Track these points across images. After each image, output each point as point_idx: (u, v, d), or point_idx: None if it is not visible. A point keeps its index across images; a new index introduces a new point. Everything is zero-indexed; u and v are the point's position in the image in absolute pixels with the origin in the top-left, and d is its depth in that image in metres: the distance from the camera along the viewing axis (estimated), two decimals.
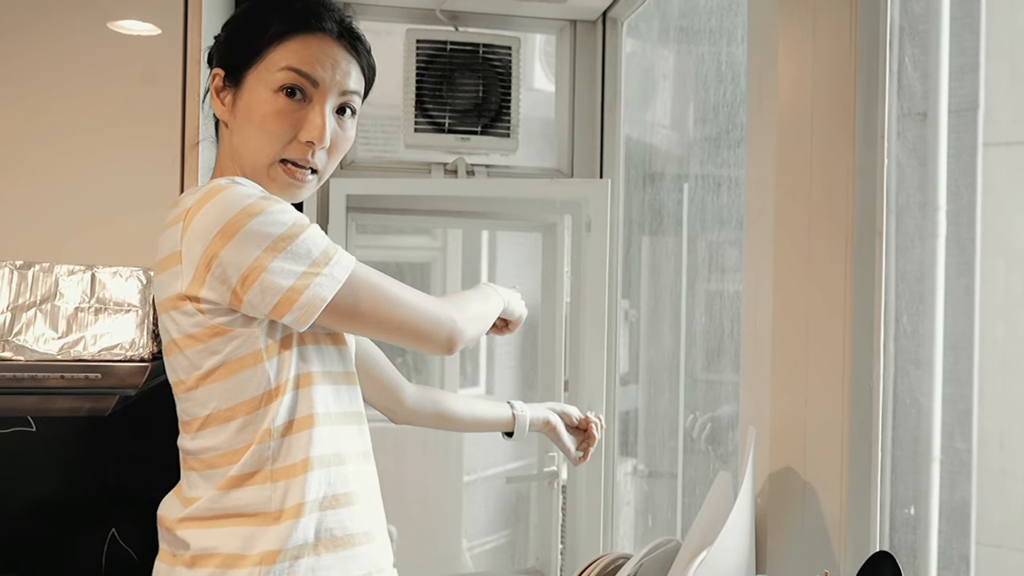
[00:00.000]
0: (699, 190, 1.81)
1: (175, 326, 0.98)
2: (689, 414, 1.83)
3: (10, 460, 1.70)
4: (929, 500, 1.16)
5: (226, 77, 1.05)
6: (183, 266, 0.94)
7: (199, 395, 0.98)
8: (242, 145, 1.04)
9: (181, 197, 1.02)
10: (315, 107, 1.03)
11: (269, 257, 0.92)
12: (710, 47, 1.79)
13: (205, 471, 0.99)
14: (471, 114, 1.98)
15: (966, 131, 1.17)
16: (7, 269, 1.17)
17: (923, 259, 1.16)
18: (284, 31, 1.04)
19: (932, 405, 1.16)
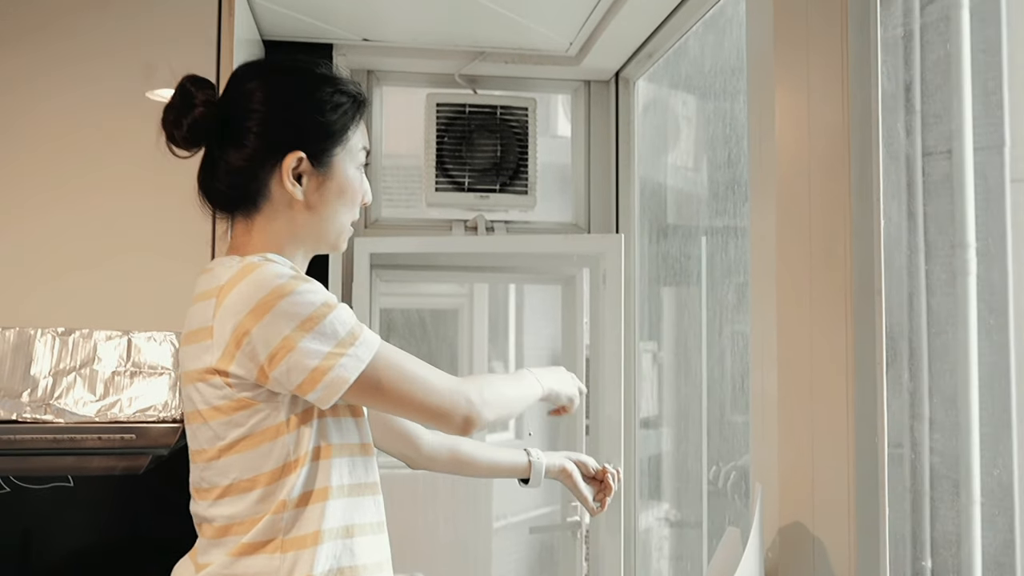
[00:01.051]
0: (715, 240, 1.85)
1: (200, 397, 1.02)
2: (712, 465, 1.85)
3: (49, 514, 1.76)
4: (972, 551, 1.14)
5: (309, 159, 1.07)
6: (214, 341, 0.98)
7: (220, 465, 1.02)
8: (323, 222, 1.10)
9: (212, 267, 1.06)
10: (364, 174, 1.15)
11: (298, 336, 0.96)
12: (717, 104, 1.85)
13: (218, 538, 1.02)
14: (490, 173, 2.05)
15: (993, 168, 1.16)
16: (50, 336, 1.25)
17: (955, 299, 1.14)
18: (359, 114, 1.13)
19: (970, 452, 1.14)
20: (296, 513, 1.01)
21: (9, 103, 1.47)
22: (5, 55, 1.48)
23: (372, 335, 1.02)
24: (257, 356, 0.96)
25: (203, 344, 1.00)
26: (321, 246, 1.12)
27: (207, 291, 1.02)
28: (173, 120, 1.05)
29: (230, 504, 1.02)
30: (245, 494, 1.01)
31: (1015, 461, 1.11)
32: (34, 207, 1.45)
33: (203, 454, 1.04)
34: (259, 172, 1.07)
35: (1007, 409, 1.13)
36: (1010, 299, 1.12)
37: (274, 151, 1.06)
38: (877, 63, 1.19)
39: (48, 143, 1.47)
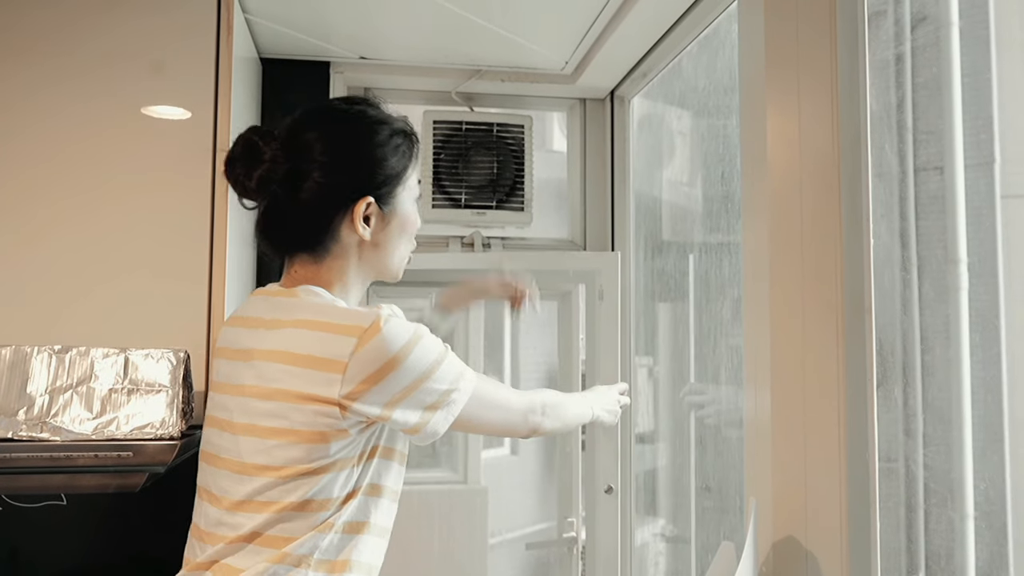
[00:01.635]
0: (709, 256, 1.86)
1: (303, 419, 1.05)
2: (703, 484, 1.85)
3: (42, 532, 1.75)
4: (966, 565, 1.16)
5: (376, 202, 1.15)
6: (345, 376, 1.04)
7: (292, 484, 1.06)
8: (387, 257, 1.19)
9: (297, 293, 1.12)
10: None
11: (420, 383, 1.08)
12: (711, 122, 1.86)
13: (260, 547, 1.06)
14: (486, 190, 2.06)
15: (984, 184, 1.18)
16: (46, 354, 1.25)
17: (947, 314, 1.16)
18: (414, 151, 1.20)
19: (963, 466, 1.16)
20: (336, 538, 1.08)
21: (5, 122, 1.47)
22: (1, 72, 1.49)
23: (470, 374, 1.14)
24: (388, 396, 1.06)
25: (327, 374, 1.05)
26: (383, 276, 1.21)
27: (342, 327, 1.06)
28: (242, 173, 1.10)
29: (287, 519, 1.06)
30: (308, 513, 1.07)
31: (1008, 475, 1.12)
32: (30, 225, 1.45)
33: (274, 471, 1.07)
34: (329, 218, 1.14)
35: (999, 424, 1.14)
36: (1001, 314, 1.13)
37: (344, 199, 1.13)
38: (866, 84, 1.21)
39: (45, 161, 1.48)
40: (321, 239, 1.14)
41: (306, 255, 1.15)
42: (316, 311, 1.09)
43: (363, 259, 1.17)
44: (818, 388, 1.16)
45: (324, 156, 1.12)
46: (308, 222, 1.13)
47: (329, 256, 1.15)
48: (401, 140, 1.17)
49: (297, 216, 1.12)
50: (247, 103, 1.75)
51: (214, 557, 1.09)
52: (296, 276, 1.16)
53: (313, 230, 1.13)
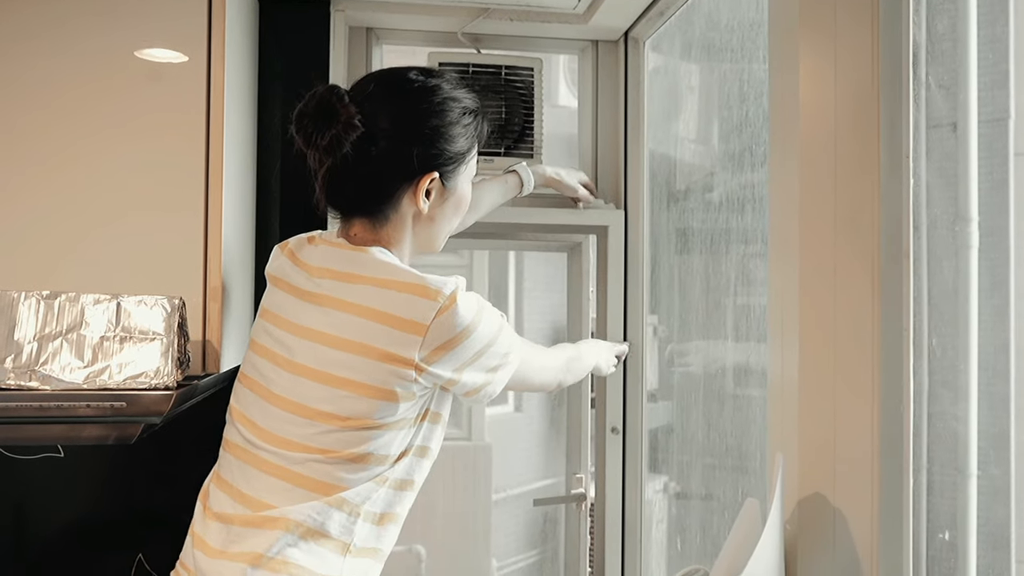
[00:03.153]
0: (725, 207, 1.79)
1: (378, 375, 1.09)
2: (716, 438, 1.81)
3: (39, 486, 1.72)
4: (967, 524, 1.13)
5: (440, 178, 1.19)
6: (425, 339, 1.09)
7: (355, 436, 1.11)
8: (438, 231, 1.24)
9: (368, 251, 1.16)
10: None
11: (488, 348, 1.15)
12: (732, 65, 1.78)
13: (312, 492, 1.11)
14: (495, 135, 1.98)
15: (998, 141, 1.14)
16: (34, 299, 1.19)
17: (955, 276, 1.13)
18: (480, 130, 1.24)
19: (967, 428, 1.14)
20: (389, 494, 1.15)
21: None
22: None
23: (518, 342, 1.23)
24: (456, 363, 1.12)
25: (408, 336, 1.09)
26: (426, 249, 1.25)
27: (416, 287, 1.11)
28: (313, 130, 1.12)
29: (344, 468, 1.11)
30: (365, 465, 1.12)
31: (1012, 436, 1.09)
32: (21, 170, 1.39)
33: (335, 418, 1.10)
34: (393, 188, 1.16)
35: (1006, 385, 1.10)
36: (1011, 272, 1.10)
37: (411, 171, 1.16)
38: (909, 15, 1.13)
39: (37, 107, 1.41)
40: (382, 207, 1.17)
41: (364, 219, 1.18)
42: (398, 273, 1.12)
43: (416, 231, 1.20)
44: (850, 338, 1.10)
45: (399, 127, 1.14)
46: (373, 188, 1.16)
47: (387, 224, 1.18)
48: (471, 120, 1.20)
49: (362, 181, 1.15)
50: (243, 44, 1.67)
51: (262, 496, 1.11)
52: (354, 237, 1.19)
53: (376, 197, 1.16)
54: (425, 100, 1.17)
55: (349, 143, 1.11)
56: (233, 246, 1.52)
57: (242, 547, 1.09)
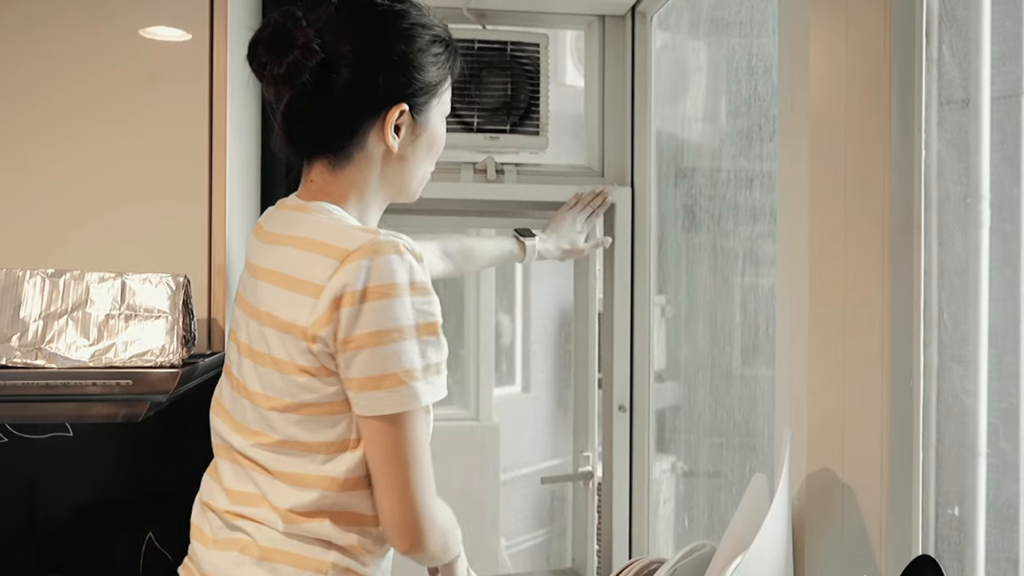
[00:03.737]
0: (732, 185, 1.77)
1: (283, 347, 0.98)
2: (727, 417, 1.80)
3: (49, 466, 1.73)
4: (975, 500, 1.13)
5: (410, 111, 1.07)
6: (318, 302, 0.96)
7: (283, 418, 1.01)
8: (411, 173, 1.12)
9: (310, 208, 1.03)
10: None
11: (388, 338, 0.95)
12: (741, 39, 1.75)
13: (281, 483, 1.02)
14: (500, 112, 1.96)
15: (1009, 118, 1.13)
16: (39, 278, 1.19)
17: (966, 252, 1.12)
18: (454, 63, 1.13)
19: (977, 402, 1.13)
20: (344, 496, 1.01)
21: (2, 51, 1.40)
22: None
23: (443, 388, 1.00)
24: (341, 330, 0.95)
25: (306, 299, 0.97)
26: (400, 196, 1.14)
27: (325, 246, 0.97)
28: (268, 58, 1.02)
29: (313, 459, 1.00)
30: (302, 453, 1.00)
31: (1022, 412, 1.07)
32: (26, 150, 1.39)
33: (268, 400, 1.01)
34: (358, 121, 1.04)
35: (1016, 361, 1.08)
36: (1022, 248, 1.09)
37: (377, 102, 1.05)
38: None
39: (41, 87, 1.40)
40: (345, 144, 1.05)
41: (325, 161, 1.07)
42: (315, 228, 1.01)
43: (385, 173, 1.09)
44: (860, 312, 1.09)
45: (363, 52, 1.03)
46: (335, 121, 1.04)
47: (351, 164, 1.07)
48: (442, 49, 1.09)
49: (324, 113, 1.04)
50: (246, 21, 1.66)
51: (244, 487, 1.04)
52: (312, 187, 1.08)
53: (339, 131, 1.05)
54: (391, 24, 1.06)
55: (308, 71, 1.00)
56: (238, 223, 1.51)
57: (231, 536, 1.03)
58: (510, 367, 3.91)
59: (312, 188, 1.08)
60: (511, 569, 3.11)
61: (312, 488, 0.99)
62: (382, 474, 0.98)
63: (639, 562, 1.11)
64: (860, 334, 1.09)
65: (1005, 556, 1.11)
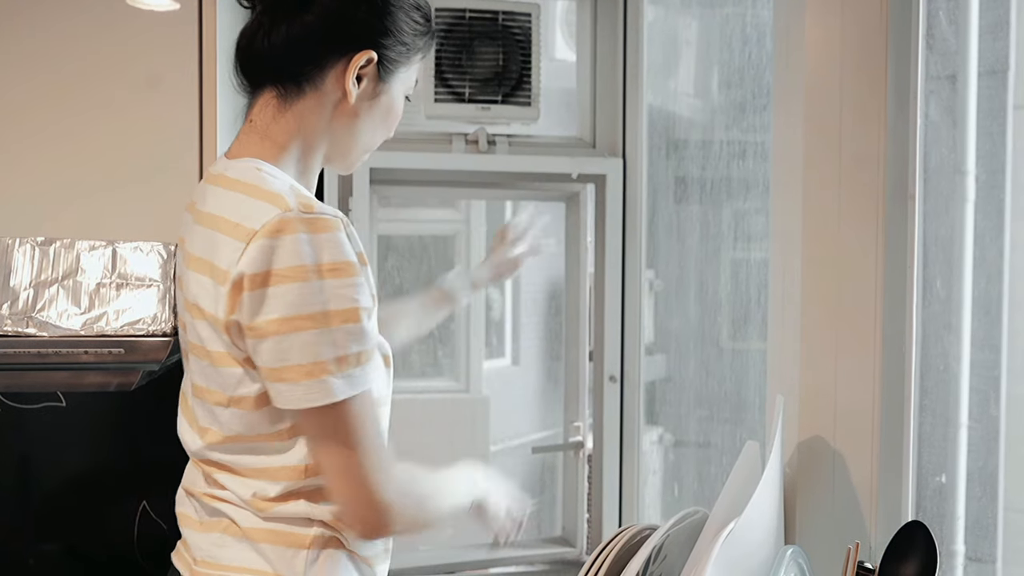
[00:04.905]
0: (724, 156, 1.77)
1: (211, 337, 0.93)
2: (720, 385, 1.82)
3: (42, 435, 1.73)
4: (956, 467, 1.15)
5: (377, 64, 1.00)
6: (226, 289, 0.89)
7: (228, 413, 0.96)
8: (357, 135, 1.03)
9: (236, 175, 0.95)
10: None
11: (304, 324, 0.87)
12: (734, 8, 1.74)
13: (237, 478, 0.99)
14: (491, 83, 1.95)
15: (996, 93, 1.13)
16: (28, 246, 1.18)
17: (953, 224, 1.13)
18: (428, 47, 1.07)
19: (961, 371, 1.14)
20: (313, 479, 0.95)
21: None
22: None
23: (373, 369, 0.92)
24: (244, 316, 0.88)
25: (219, 288, 0.90)
26: (338, 159, 1.06)
27: (231, 225, 0.90)
28: None
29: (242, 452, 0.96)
30: (258, 446, 0.95)
31: (1003, 390, 1.09)
32: (10, 116, 1.37)
33: (212, 395, 0.96)
34: (323, 55, 0.98)
35: (998, 336, 1.10)
36: (1006, 228, 1.10)
37: (348, 40, 0.98)
38: None
39: (26, 55, 1.38)
40: (303, 78, 0.97)
41: (274, 92, 0.98)
42: (223, 203, 0.93)
43: (332, 126, 1.00)
44: (854, 280, 1.09)
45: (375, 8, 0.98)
46: (301, 50, 0.97)
47: (299, 102, 0.98)
48: (420, 19, 1.04)
49: (291, 38, 0.96)
50: None
51: (204, 489, 1.02)
52: (251, 129, 1.00)
53: (300, 57, 0.97)
54: None
55: None
56: None
57: (213, 518, 1.01)
58: (500, 340, 3.91)
59: (250, 131, 1.00)
60: None
61: (277, 480, 0.95)
62: (323, 462, 0.92)
63: (631, 528, 1.12)
64: (854, 302, 1.10)
65: (985, 520, 1.13)
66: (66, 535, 1.74)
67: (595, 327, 2.04)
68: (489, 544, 1.23)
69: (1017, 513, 1.14)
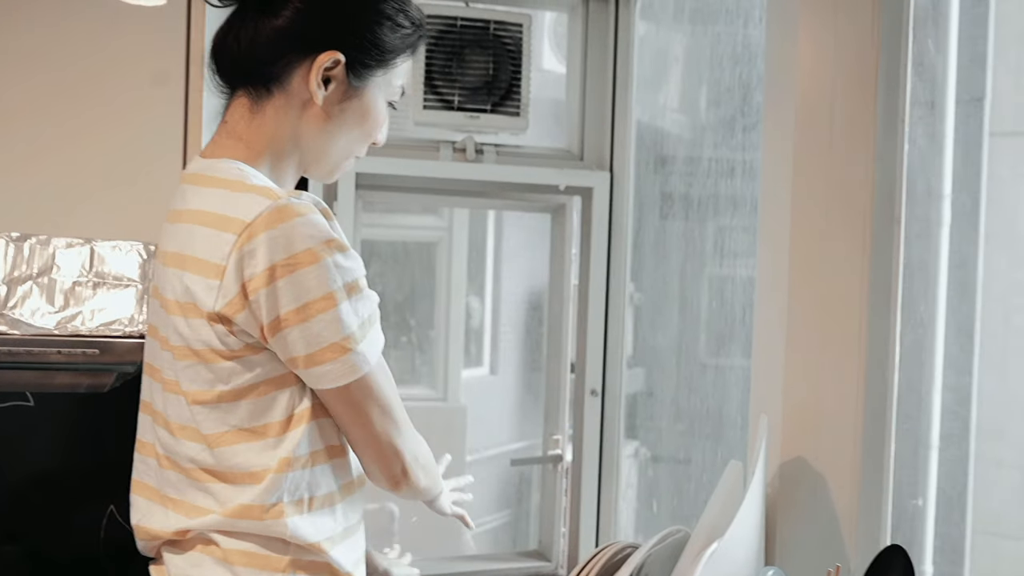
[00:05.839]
0: (712, 174, 1.78)
1: (195, 335, 0.92)
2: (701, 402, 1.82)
3: (8, 435, 1.68)
4: (928, 489, 1.15)
5: (346, 66, 0.98)
6: (223, 283, 0.89)
7: (223, 408, 0.94)
8: (330, 140, 1.01)
9: (213, 174, 0.95)
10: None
11: (320, 307, 0.89)
12: (726, 27, 1.75)
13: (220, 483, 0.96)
14: (481, 92, 1.94)
15: (973, 121, 1.15)
16: (3, 241, 1.15)
17: (929, 247, 1.14)
18: (414, 47, 1.03)
19: (933, 393, 1.15)
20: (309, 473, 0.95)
21: None
22: None
23: (380, 335, 0.95)
24: (263, 315, 0.88)
25: (208, 281, 0.89)
26: (313, 168, 1.03)
27: (220, 219, 0.90)
28: None
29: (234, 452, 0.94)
30: (248, 442, 0.93)
31: (974, 409, 1.10)
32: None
33: (197, 395, 0.94)
34: (287, 55, 0.96)
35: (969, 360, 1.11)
36: (980, 251, 1.11)
37: (313, 41, 0.96)
38: None
39: (8, 49, 1.36)
40: (269, 78, 0.96)
41: (245, 95, 0.98)
42: (208, 199, 0.93)
43: (302, 130, 0.99)
44: (839, 302, 1.09)
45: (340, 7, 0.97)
46: (265, 49, 0.96)
47: (269, 104, 0.97)
48: (406, 23, 1.01)
49: (256, 36, 0.96)
50: None
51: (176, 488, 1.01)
52: (225, 131, 0.99)
53: (266, 60, 0.96)
54: None
55: None
56: None
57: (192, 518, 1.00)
58: (478, 349, 3.90)
59: (224, 133, 1.00)
60: (474, 549, 3.12)
61: (259, 482, 0.93)
62: (357, 433, 0.95)
63: (612, 547, 1.11)
64: (838, 324, 1.10)
65: (952, 543, 1.14)
66: (30, 537, 1.70)
67: (578, 340, 2.04)
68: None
69: (986, 535, 1.15)
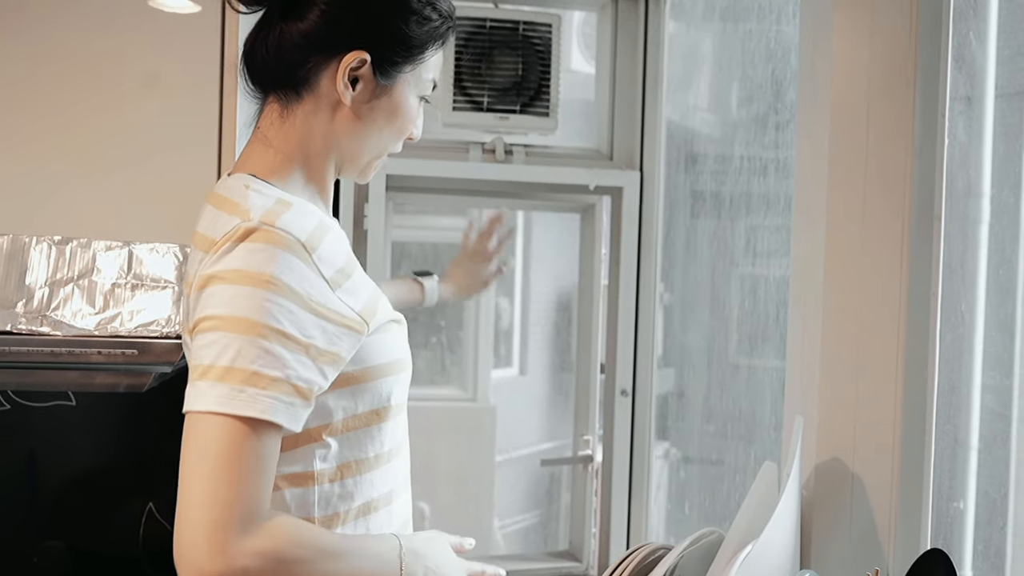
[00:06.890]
0: (743, 172, 1.76)
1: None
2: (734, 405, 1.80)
3: (51, 433, 1.72)
4: (967, 492, 1.13)
5: (373, 65, 0.97)
6: (188, 298, 0.92)
7: None
8: (363, 139, 1.01)
9: (226, 191, 0.96)
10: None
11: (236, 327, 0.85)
12: (758, 24, 1.73)
13: None
14: (510, 93, 1.94)
15: (1014, 115, 1.12)
16: (45, 244, 1.17)
17: (967, 246, 1.12)
18: (444, 39, 1.02)
19: (972, 393, 1.12)
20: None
21: (10, 20, 1.38)
22: None
23: (270, 401, 0.83)
24: (192, 319, 0.89)
25: (187, 298, 0.93)
26: (348, 166, 1.03)
27: (205, 240, 0.92)
28: None
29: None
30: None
31: (1015, 412, 1.07)
32: (32, 117, 1.37)
33: None
34: (313, 57, 0.96)
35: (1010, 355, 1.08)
36: (1021, 243, 1.08)
37: (338, 42, 0.96)
38: None
39: (49, 58, 1.38)
40: (297, 81, 0.96)
41: (278, 101, 0.98)
42: (203, 219, 0.95)
43: (334, 130, 0.98)
44: (877, 301, 1.08)
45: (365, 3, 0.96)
46: (292, 52, 0.96)
47: (299, 109, 0.97)
48: (435, 16, 0.99)
49: (282, 41, 0.96)
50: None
51: None
52: (256, 136, 1.00)
53: (293, 64, 0.96)
54: None
55: None
56: None
57: None
58: (508, 350, 3.90)
59: (256, 140, 1.00)
60: (504, 550, 3.12)
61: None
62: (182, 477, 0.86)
63: (646, 547, 1.10)
64: (876, 323, 1.08)
65: (994, 547, 1.11)
66: (71, 533, 1.73)
67: (607, 340, 2.03)
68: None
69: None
